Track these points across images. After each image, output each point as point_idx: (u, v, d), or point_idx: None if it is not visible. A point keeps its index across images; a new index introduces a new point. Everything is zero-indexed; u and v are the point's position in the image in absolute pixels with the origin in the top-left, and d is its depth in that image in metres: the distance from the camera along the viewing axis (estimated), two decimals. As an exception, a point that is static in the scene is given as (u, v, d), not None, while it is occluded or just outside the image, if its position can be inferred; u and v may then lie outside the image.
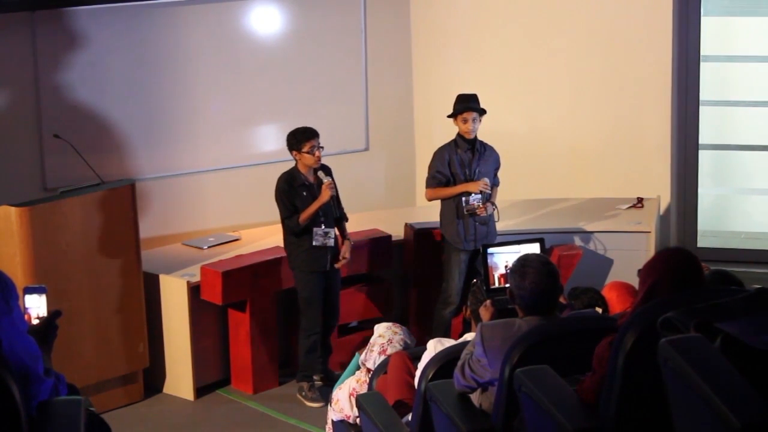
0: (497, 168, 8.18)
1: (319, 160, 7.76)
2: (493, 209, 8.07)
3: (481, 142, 8.08)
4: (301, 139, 7.73)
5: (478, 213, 7.96)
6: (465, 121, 7.94)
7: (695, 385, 3.25)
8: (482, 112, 7.98)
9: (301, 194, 7.77)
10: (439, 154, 8.06)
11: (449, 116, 8.02)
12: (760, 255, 9.72)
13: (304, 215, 7.72)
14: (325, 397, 7.40)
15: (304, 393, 7.95)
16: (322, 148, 7.77)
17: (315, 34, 9.35)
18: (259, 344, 8.10)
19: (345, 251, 7.93)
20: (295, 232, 7.77)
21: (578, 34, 9.52)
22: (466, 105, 7.95)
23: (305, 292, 7.87)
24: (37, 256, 7.37)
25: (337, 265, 7.89)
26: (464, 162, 8.00)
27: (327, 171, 7.86)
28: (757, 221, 10.23)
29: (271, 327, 8.18)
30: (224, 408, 8.03)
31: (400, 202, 9.87)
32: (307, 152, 7.71)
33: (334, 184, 7.79)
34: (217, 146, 9.09)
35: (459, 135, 8.01)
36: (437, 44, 9.83)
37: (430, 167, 8.07)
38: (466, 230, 8.01)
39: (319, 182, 7.82)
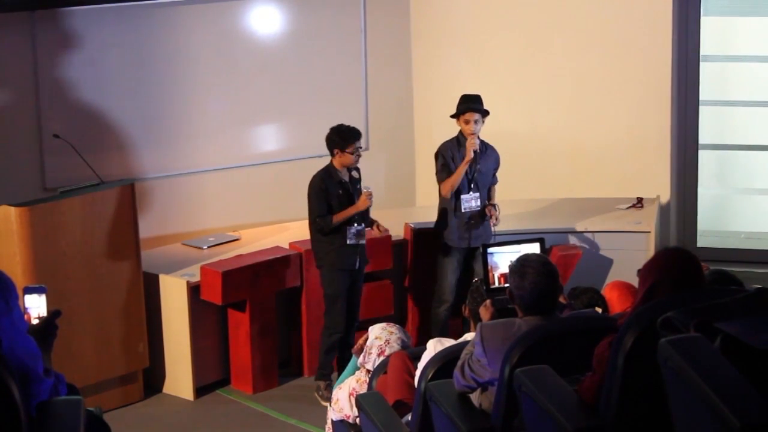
0: (496, 168, 8.21)
1: (358, 160, 7.76)
2: (495, 211, 8.07)
3: (483, 142, 8.10)
4: (347, 138, 7.71)
5: (490, 215, 7.97)
6: (467, 122, 7.97)
7: (695, 385, 3.25)
8: (485, 113, 8.00)
9: (337, 192, 7.76)
10: (443, 148, 8.08)
11: (452, 116, 8.03)
12: (760, 255, 9.72)
13: (339, 217, 7.72)
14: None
15: (320, 392, 7.95)
16: (362, 148, 7.79)
17: (315, 34, 9.35)
18: (259, 344, 8.10)
19: (381, 226, 7.92)
20: (324, 232, 7.76)
21: (578, 33, 9.52)
22: (469, 106, 7.98)
23: (331, 290, 7.86)
24: (37, 256, 7.38)
25: (375, 229, 7.88)
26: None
27: (357, 170, 7.86)
28: (757, 221, 10.22)
29: (271, 327, 8.18)
30: (224, 408, 8.03)
31: (400, 202, 9.86)
32: (350, 152, 7.71)
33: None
34: (217, 146, 9.08)
35: (461, 133, 8.03)
36: (437, 44, 9.82)
37: (437, 162, 8.06)
38: (461, 228, 8.03)
39: (353, 180, 7.81)
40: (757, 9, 10.06)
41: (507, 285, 4.88)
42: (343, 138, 7.71)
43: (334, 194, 7.74)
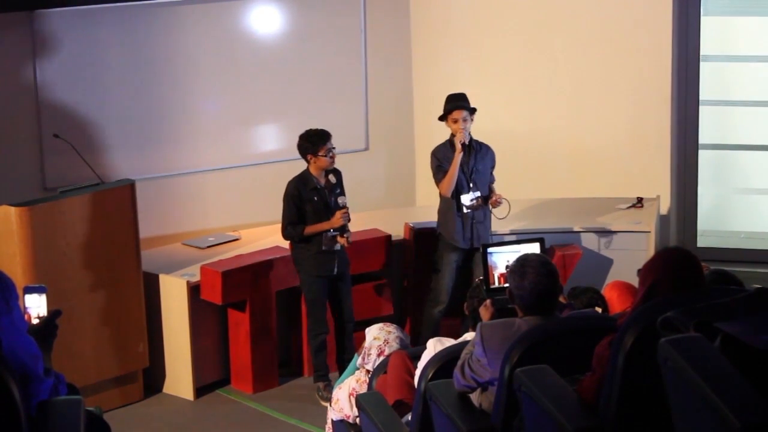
0: (493, 165, 8.19)
1: (334, 161, 7.74)
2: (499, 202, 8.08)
3: (477, 141, 8.08)
4: (316, 142, 7.69)
5: (491, 205, 7.96)
6: (455, 120, 7.93)
7: (695, 385, 3.25)
8: (472, 110, 7.96)
9: (312, 199, 7.75)
10: (436, 150, 8.05)
11: (440, 118, 8.01)
12: (760, 255, 9.71)
13: (310, 230, 7.71)
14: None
15: (320, 393, 7.95)
16: (335, 148, 7.77)
17: (315, 34, 9.34)
18: (259, 344, 8.10)
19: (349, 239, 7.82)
20: (294, 240, 7.77)
21: (578, 33, 9.52)
22: (455, 104, 7.94)
23: (310, 295, 7.88)
24: (37, 256, 7.38)
25: (340, 240, 7.77)
26: (460, 161, 7.98)
27: (338, 174, 7.85)
28: (756, 221, 10.22)
29: (271, 327, 8.18)
30: (224, 408, 8.03)
31: (400, 202, 9.86)
32: (323, 155, 7.69)
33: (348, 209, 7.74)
34: (217, 146, 9.08)
35: (453, 135, 7.99)
36: (437, 44, 9.82)
37: (432, 164, 8.03)
38: (464, 228, 8.02)
39: (330, 185, 7.79)
40: (757, 9, 10.05)
41: (507, 285, 4.88)
42: (312, 142, 7.70)
43: (308, 201, 7.74)
